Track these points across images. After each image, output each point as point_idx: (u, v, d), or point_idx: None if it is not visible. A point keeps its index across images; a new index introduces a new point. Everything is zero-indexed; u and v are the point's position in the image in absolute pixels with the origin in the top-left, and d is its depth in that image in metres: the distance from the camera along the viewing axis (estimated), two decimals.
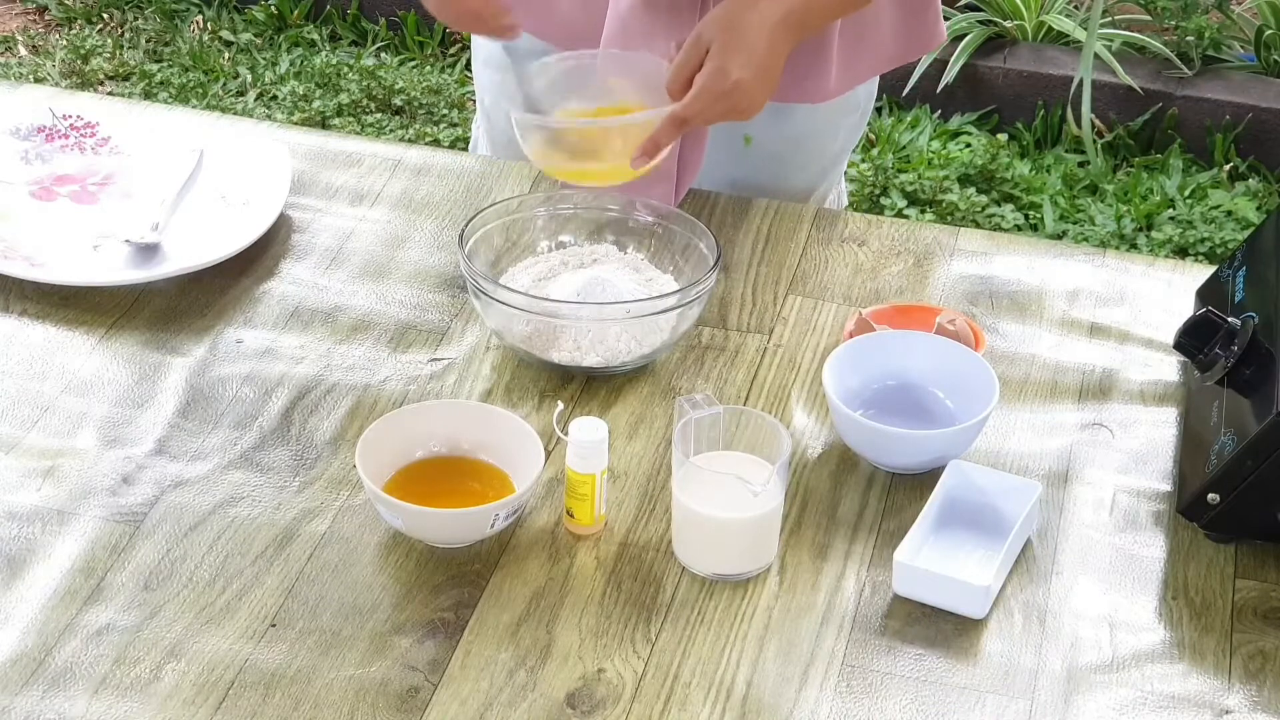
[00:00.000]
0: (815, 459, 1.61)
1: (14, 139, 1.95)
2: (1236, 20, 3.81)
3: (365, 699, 1.36)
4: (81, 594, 1.44)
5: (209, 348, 1.70)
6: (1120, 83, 3.67)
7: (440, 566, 1.48)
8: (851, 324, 1.71)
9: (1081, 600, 1.48)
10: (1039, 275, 1.85)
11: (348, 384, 1.67)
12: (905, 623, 1.45)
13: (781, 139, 1.91)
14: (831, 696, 1.39)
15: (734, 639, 1.43)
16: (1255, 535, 1.53)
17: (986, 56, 3.76)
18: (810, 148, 1.93)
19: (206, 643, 1.40)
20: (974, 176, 3.59)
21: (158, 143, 1.96)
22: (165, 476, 1.56)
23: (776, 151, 1.92)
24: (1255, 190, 3.55)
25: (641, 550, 1.51)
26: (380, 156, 1.99)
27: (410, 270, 1.82)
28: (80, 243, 1.82)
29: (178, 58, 3.95)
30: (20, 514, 1.51)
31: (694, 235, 1.74)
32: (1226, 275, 1.72)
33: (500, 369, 1.69)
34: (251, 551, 1.49)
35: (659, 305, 1.65)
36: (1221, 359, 1.57)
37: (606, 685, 1.38)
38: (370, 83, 3.82)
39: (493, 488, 1.53)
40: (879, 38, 1.87)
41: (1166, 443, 1.64)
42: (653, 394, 1.67)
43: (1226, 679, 1.42)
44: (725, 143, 1.89)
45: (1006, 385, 1.67)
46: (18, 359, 1.69)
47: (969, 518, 1.52)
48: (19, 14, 4.17)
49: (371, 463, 1.50)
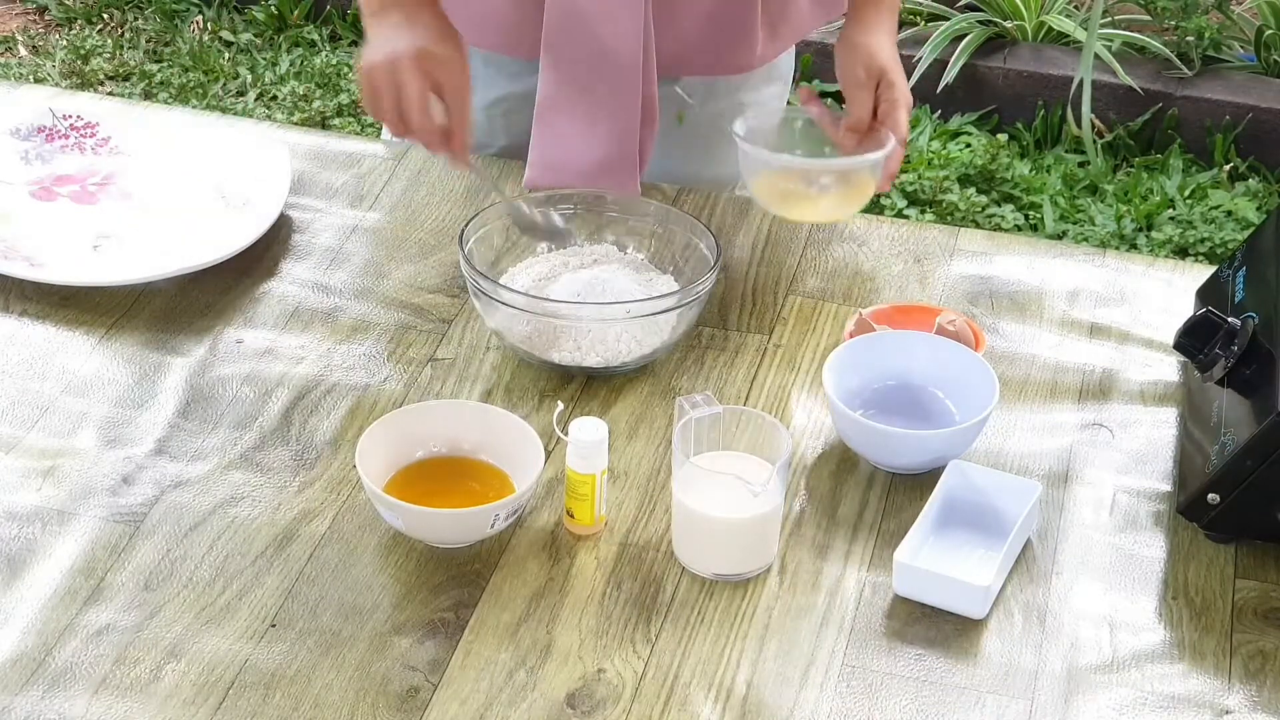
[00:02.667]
0: (815, 459, 1.61)
1: (14, 139, 1.95)
2: (1236, 20, 3.81)
3: (365, 699, 1.36)
4: (81, 594, 1.44)
5: (209, 348, 1.70)
6: (1120, 83, 3.67)
7: (440, 566, 1.48)
8: (851, 324, 1.71)
9: (1081, 600, 1.48)
10: (1039, 275, 1.85)
11: (348, 384, 1.67)
12: (905, 623, 1.45)
13: (711, 114, 1.93)
14: (831, 696, 1.39)
15: (734, 639, 1.43)
16: (1255, 535, 1.53)
17: (986, 56, 3.76)
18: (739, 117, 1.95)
19: (206, 643, 1.40)
20: (974, 177, 3.59)
21: (158, 143, 1.96)
22: (165, 476, 1.56)
23: (706, 130, 1.94)
24: (1255, 190, 3.55)
25: (641, 550, 1.51)
26: (380, 156, 1.99)
27: (410, 270, 1.82)
28: (80, 243, 1.82)
29: (178, 58, 3.95)
30: (20, 514, 1.51)
31: (694, 235, 1.74)
32: (1226, 275, 1.72)
33: (500, 369, 1.69)
34: (251, 551, 1.49)
35: (659, 305, 1.65)
36: (1221, 359, 1.57)
37: (606, 685, 1.38)
38: None
39: (493, 488, 1.53)
40: (798, 6, 1.93)
41: (1166, 443, 1.64)
42: (653, 394, 1.67)
43: (1226, 679, 1.42)
44: (660, 125, 1.91)
45: (1006, 385, 1.67)
46: (18, 359, 1.69)
47: (969, 518, 1.52)
48: (19, 14, 4.17)
49: (371, 463, 1.50)
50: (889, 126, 1.78)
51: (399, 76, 1.67)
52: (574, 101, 1.84)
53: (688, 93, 1.92)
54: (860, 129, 1.80)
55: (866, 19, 1.84)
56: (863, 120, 1.80)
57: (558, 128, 1.85)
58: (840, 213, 1.83)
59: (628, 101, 1.83)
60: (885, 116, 1.79)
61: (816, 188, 1.79)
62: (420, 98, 1.67)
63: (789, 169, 1.79)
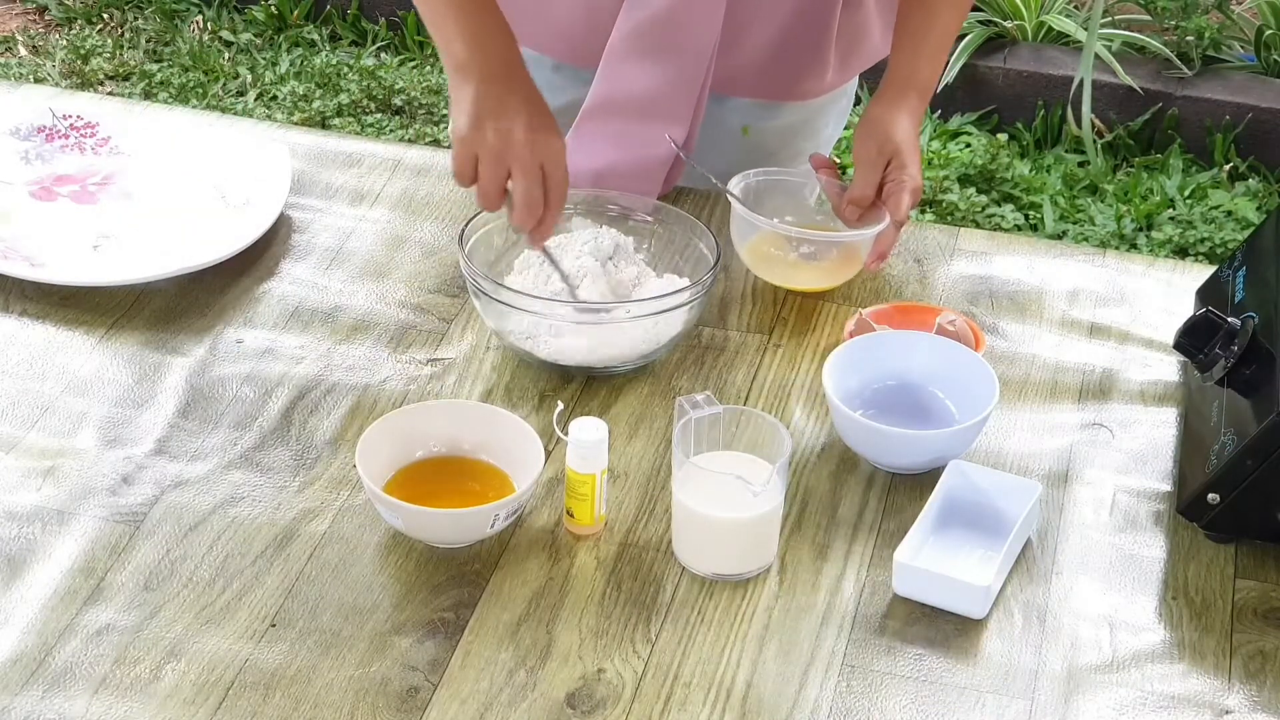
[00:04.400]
0: (815, 459, 1.61)
1: (14, 139, 1.95)
2: (1236, 20, 3.81)
3: (365, 699, 1.36)
4: (81, 594, 1.44)
5: (209, 348, 1.70)
6: (1120, 83, 3.67)
7: (440, 566, 1.48)
8: (851, 324, 1.71)
9: (1081, 600, 1.48)
10: (1039, 275, 1.85)
11: (348, 384, 1.67)
12: (905, 623, 1.45)
13: (776, 131, 1.94)
14: (831, 696, 1.39)
15: (734, 639, 1.43)
16: (1255, 535, 1.53)
17: (986, 56, 3.76)
18: (803, 137, 1.96)
19: (206, 643, 1.40)
20: (974, 176, 3.59)
21: (158, 143, 1.96)
22: (165, 476, 1.56)
23: (771, 142, 1.94)
24: (1255, 190, 3.55)
25: (641, 550, 1.51)
26: (380, 156, 1.99)
27: (410, 270, 1.82)
28: (80, 243, 1.82)
29: (178, 58, 3.95)
30: (20, 514, 1.51)
31: (694, 235, 1.74)
32: (1226, 275, 1.72)
33: (500, 369, 1.69)
34: (251, 551, 1.49)
35: (659, 305, 1.65)
36: (1221, 359, 1.57)
37: (606, 685, 1.38)
38: (370, 83, 3.82)
39: (493, 488, 1.53)
40: (870, 39, 1.93)
41: (1166, 443, 1.64)
42: (653, 394, 1.67)
43: (1226, 679, 1.42)
44: (725, 133, 1.92)
45: (1006, 385, 1.67)
46: (18, 359, 1.69)
47: (969, 518, 1.52)
48: (19, 14, 4.17)
49: (371, 463, 1.50)
50: (889, 207, 1.75)
51: (509, 163, 1.63)
52: (625, 105, 1.83)
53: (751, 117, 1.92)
54: (862, 204, 1.78)
55: (892, 98, 1.80)
56: (865, 196, 1.77)
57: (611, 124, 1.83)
58: (822, 284, 1.79)
59: (682, 110, 1.83)
60: (888, 196, 1.76)
61: (801, 256, 1.78)
62: (529, 189, 1.63)
63: (776, 234, 1.78)
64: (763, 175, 1.83)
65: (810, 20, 1.85)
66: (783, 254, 1.78)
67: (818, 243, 1.78)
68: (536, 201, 1.64)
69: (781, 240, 1.78)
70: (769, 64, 1.87)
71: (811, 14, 1.84)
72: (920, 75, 1.82)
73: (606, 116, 1.83)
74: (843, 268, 1.78)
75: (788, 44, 1.86)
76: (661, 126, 1.83)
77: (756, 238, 1.79)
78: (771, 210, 1.80)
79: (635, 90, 1.82)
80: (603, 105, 1.83)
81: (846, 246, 1.77)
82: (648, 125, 1.83)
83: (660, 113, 1.83)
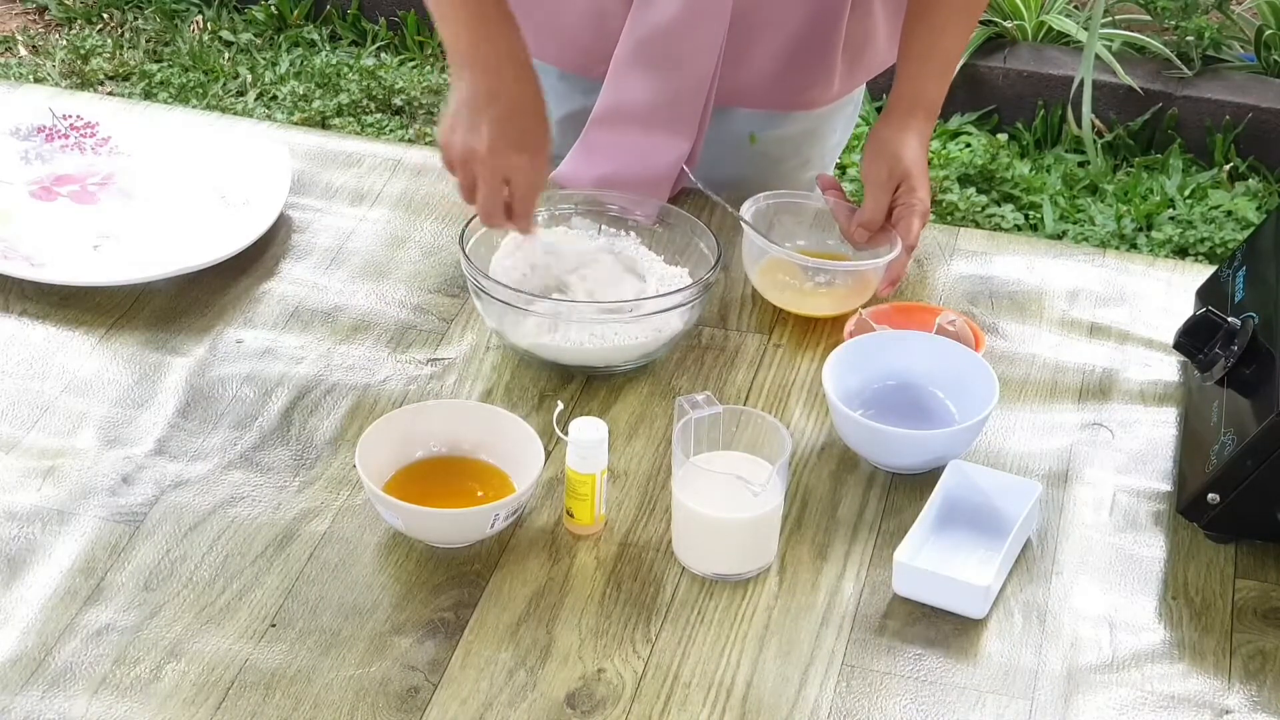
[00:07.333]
0: (815, 459, 1.61)
1: (14, 139, 1.95)
2: (1236, 20, 3.81)
3: (365, 699, 1.36)
4: (81, 594, 1.44)
5: (209, 348, 1.70)
6: (1120, 83, 3.67)
7: (440, 566, 1.48)
8: (851, 324, 1.71)
9: (1081, 600, 1.48)
10: (1039, 275, 1.85)
11: (348, 384, 1.67)
12: (905, 623, 1.45)
13: (783, 139, 1.93)
14: (831, 696, 1.39)
15: (734, 639, 1.43)
16: (1255, 535, 1.53)
17: (986, 56, 3.76)
18: (810, 145, 1.96)
19: (206, 643, 1.40)
20: (974, 176, 3.59)
21: (158, 143, 1.96)
22: (165, 476, 1.56)
23: (778, 150, 1.94)
24: (1255, 190, 3.55)
25: (641, 550, 1.51)
26: (380, 156, 1.99)
27: (410, 270, 1.82)
28: (80, 243, 1.82)
29: (178, 58, 3.95)
30: (20, 514, 1.51)
31: (694, 235, 1.74)
32: (1226, 275, 1.72)
33: (500, 369, 1.69)
34: (251, 551, 1.49)
35: (659, 305, 1.65)
36: (1221, 359, 1.57)
37: (606, 685, 1.38)
38: (370, 83, 3.82)
39: (493, 488, 1.53)
40: (876, 47, 1.92)
41: (1166, 443, 1.64)
42: (653, 394, 1.67)
43: (1226, 679, 1.42)
44: (732, 141, 1.91)
45: (1006, 385, 1.67)
46: (18, 359, 1.69)
47: (969, 518, 1.52)
48: (19, 14, 4.17)
49: (371, 463, 1.50)
50: (899, 231, 1.74)
51: (473, 168, 1.66)
52: (631, 116, 1.83)
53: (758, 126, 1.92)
54: (871, 228, 1.77)
55: (901, 119, 1.79)
56: (875, 220, 1.77)
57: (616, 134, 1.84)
58: (833, 310, 1.76)
59: (687, 122, 1.83)
60: (898, 220, 1.75)
61: (812, 283, 1.76)
62: (489, 198, 1.67)
63: (787, 260, 1.76)
64: (774, 199, 1.81)
65: (816, 30, 1.84)
66: (797, 282, 1.76)
67: (831, 271, 1.76)
68: (495, 212, 1.68)
69: (794, 268, 1.76)
70: (776, 75, 1.87)
71: (818, 24, 1.84)
72: (927, 94, 1.81)
73: (613, 126, 1.84)
74: (854, 295, 1.76)
75: (794, 55, 1.85)
76: (667, 137, 1.83)
77: (767, 262, 1.77)
78: (782, 234, 1.79)
79: (641, 101, 1.82)
80: (609, 115, 1.83)
81: (860, 274, 1.75)
82: (654, 135, 1.83)
83: (666, 123, 1.83)
